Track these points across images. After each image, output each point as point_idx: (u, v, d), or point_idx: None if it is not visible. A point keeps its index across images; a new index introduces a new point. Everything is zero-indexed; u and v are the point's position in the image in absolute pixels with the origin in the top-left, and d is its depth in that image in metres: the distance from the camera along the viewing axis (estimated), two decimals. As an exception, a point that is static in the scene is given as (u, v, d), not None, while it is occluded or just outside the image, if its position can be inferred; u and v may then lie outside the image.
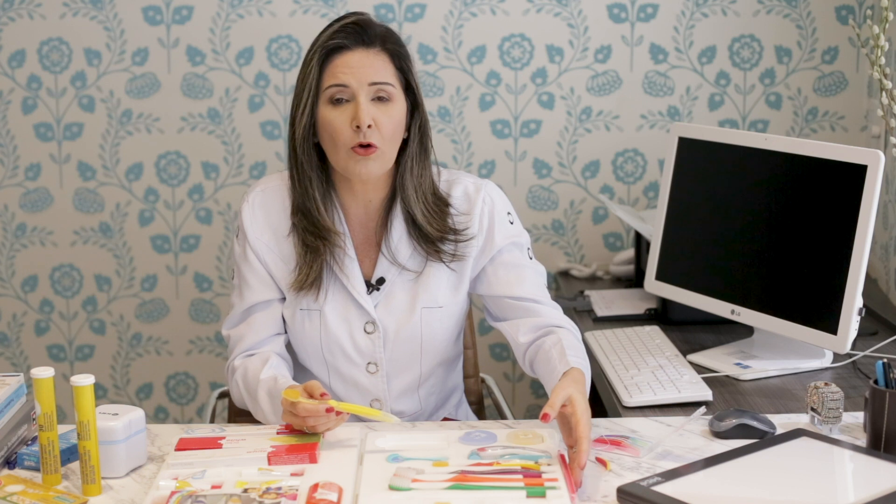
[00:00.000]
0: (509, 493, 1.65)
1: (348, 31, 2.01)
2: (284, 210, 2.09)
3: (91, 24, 3.10)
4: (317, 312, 2.07)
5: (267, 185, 2.11)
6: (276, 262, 2.09)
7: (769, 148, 2.29)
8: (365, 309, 2.07)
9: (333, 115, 1.99)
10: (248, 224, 2.09)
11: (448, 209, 2.08)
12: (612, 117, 3.15)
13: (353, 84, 1.98)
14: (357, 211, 2.09)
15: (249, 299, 2.09)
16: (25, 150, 3.17)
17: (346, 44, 2.00)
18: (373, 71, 1.99)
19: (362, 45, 2.01)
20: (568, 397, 1.77)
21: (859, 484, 1.74)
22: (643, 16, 3.11)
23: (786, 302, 2.24)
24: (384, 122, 1.98)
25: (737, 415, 1.90)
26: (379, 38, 2.02)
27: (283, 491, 1.68)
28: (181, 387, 3.31)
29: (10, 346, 3.28)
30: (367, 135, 1.96)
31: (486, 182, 2.13)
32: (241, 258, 2.11)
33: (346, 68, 1.99)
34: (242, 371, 2.07)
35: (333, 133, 1.99)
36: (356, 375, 2.10)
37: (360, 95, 1.98)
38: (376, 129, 1.97)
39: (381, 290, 2.08)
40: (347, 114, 1.98)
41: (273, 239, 2.09)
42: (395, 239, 2.07)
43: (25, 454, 1.82)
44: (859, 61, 3.12)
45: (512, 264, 2.11)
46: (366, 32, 2.01)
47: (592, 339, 2.48)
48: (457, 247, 2.07)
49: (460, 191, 2.10)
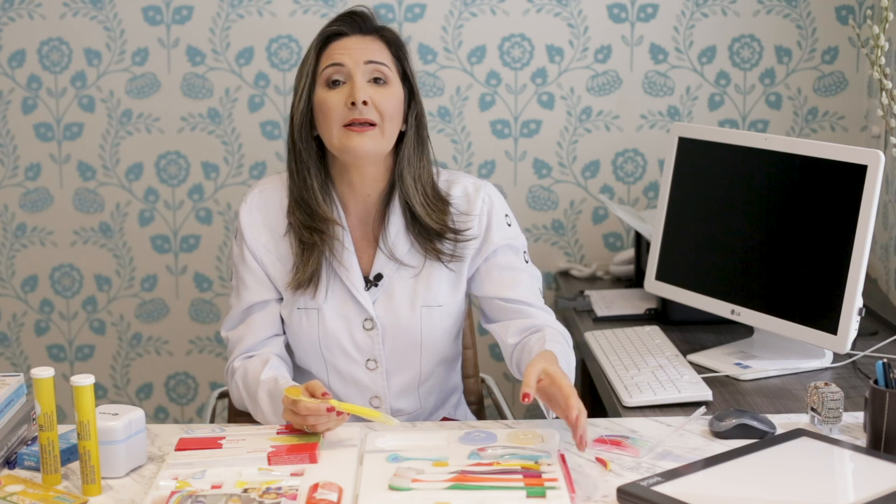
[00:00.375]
0: (509, 493, 1.65)
1: (346, 20, 2.05)
2: (282, 211, 2.09)
3: (91, 24, 3.10)
4: (314, 311, 2.07)
5: (265, 187, 2.12)
6: (274, 263, 2.09)
7: (769, 148, 2.29)
8: (363, 305, 2.07)
9: (329, 96, 2.01)
10: (245, 225, 2.09)
11: (448, 208, 2.08)
12: (612, 117, 3.15)
13: (348, 63, 2.00)
14: (356, 205, 2.09)
15: (247, 300, 2.10)
16: (25, 150, 3.17)
17: (343, 30, 2.04)
18: (369, 52, 2.02)
19: (359, 32, 2.05)
20: (541, 371, 1.77)
21: (859, 484, 1.74)
22: (643, 16, 3.11)
23: (786, 302, 2.24)
24: (380, 100, 2.00)
25: (737, 415, 1.90)
26: (375, 27, 2.06)
27: (283, 491, 1.68)
28: (181, 387, 3.31)
29: (10, 346, 3.28)
30: (363, 111, 1.97)
31: (486, 182, 2.13)
32: (238, 259, 2.11)
33: (342, 49, 2.02)
34: (242, 372, 2.07)
35: (327, 111, 2.00)
36: (355, 372, 2.10)
37: (356, 74, 2.00)
38: (373, 106, 1.99)
39: (380, 286, 2.08)
40: (343, 94, 2.00)
41: (271, 240, 2.09)
42: (392, 233, 2.07)
43: (25, 454, 1.82)
44: (859, 61, 3.12)
45: (506, 266, 2.11)
46: (364, 21, 2.06)
47: (592, 339, 2.48)
48: (456, 247, 2.08)
49: (460, 190, 2.10)
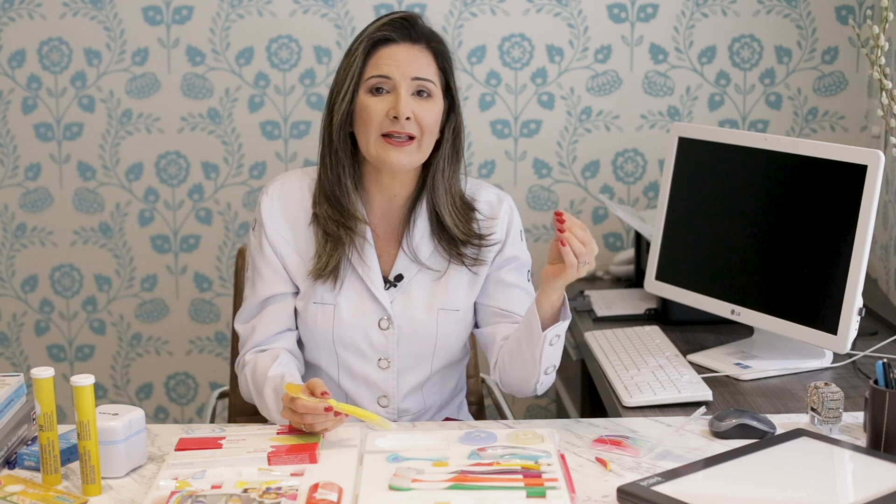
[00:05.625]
0: (509, 493, 1.65)
1: (396, 25, 2.04)
2: (303, 203, 2.10)
3: (91, 24, 3.10)
4: (331, 307, 2.07)
5: (287, 179, 2.13)
6: (292, 255, 2.09)
7: (769, 148, 2.29)
8: (381, 304, 2.07)
9: (372, 103, 2.01)
10: (266, 215, 2.10)
11: (474, 214, 2.10)
12: (612, 117, 3.15)
13: (395, 76, 2.00)
14: (381, 204, 2.10)
15: (262, 292, 2.10)
16: (25, 150, 3.17)
17: (393, 37, 2.03)
18: (416, 66, 2.01)
19: (409, 40, 2.04)
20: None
21: (859, 484, 1.74)
22: (643, 16, 3.11)
23: (786, 302, 2.24)
24: (423, 115, 2.00)
25: (737, 415, 1.90)
26: (425, 36, 2.05)
27: (283, 491, 1.68)
28: (181, 387, 3.31)
29: (10, 346, 3.28)
30: (405, 126, 1.99)
31: (507, 195, 2.16)
32: (256, 250, 2.11)
33: (390, 60, 2.01)
34: (252, 366, 2.07)
35: (368, 119, 2.00)
36: (367, 370, 2.10)
37: (401, 88, 2.00)
38: (415, 121, 2.00)
39: (399, 286, 2.08)
40: (386, 103, 2.00)
41: (290, 231, 2.09)
42: (416, 236, 2.08)
43: (25, 454, 1.82)
44: (859, 61, 3.12)
45: (508, 282, 2.14)
46: (413, 28, 2.04)
47: (592, 339, 2.48)
48: (479, 251, 2.09)
49: (484, 198, 2.13)
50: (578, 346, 2.69)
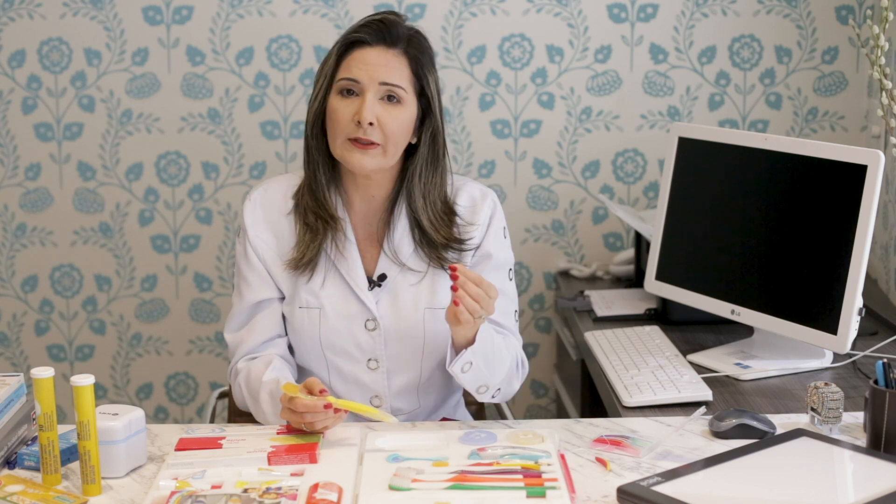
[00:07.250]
0: (509, 493, 1.65)
1: (372, 28, 2.03)
2: (285, 209, 2.10)
3: (91, 24, 3.10)
4: (317, 310, 2.07)
5: (270, 185, 2.13)
6: (275, 260, 2.09)
7: (769, 148, 2.29)
8: (366, 305, 2.07)
9: (339, 105, 2.01)
10: (248, 221, 2.10)
11: (454, 219, 2.09)
12: (612, 117, 3.15)
13: (363, 80, 2.00)
14: (361, 205, 2.10)
15: (249, 298, 2.10)
16: (25, 150, 3.17)
17: (368, 39, 2.02)
18: (386, 71, 2.00)
19: (383, 44, 2.02)
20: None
21: (859, 484, 1.74)
22: (643, 16, 3.11)
23: (786, 302, 2.24)
24: (388, 121, 1.99)
25: (737, 415, 1.90)
26: (402, 39, 2.03)
27: (283, 491, 1.68)
28: (181, 387, 3.31)
29: (10, 346, 3.28)
30: (367, 132, 1.98)
31: (492, 191, 2.15)
32: (241, 256, 2.12)
33: (361, 63, 2.01)
34: (245, 374, 2.07)
35: (335, 121, 2.01)
36: (356, 372, 2.10)
37: (368, 92, 1.99)
38: (378, 127, 1.99)
39: (384, 286, 2.08)
40: (353, 107, 2.00)
41: (273, 237, 2.09)
42: (396, 239, 2.08)
43: (25, 454, 1.82)
44: (859, 61, 3.12)
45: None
46: (390, 32, 2.02)
47: (592, 339, 2.48)
48: (460, 255, 2.09)
49: (466, 198, 2.11)
50: (578, 345, 2.69)
